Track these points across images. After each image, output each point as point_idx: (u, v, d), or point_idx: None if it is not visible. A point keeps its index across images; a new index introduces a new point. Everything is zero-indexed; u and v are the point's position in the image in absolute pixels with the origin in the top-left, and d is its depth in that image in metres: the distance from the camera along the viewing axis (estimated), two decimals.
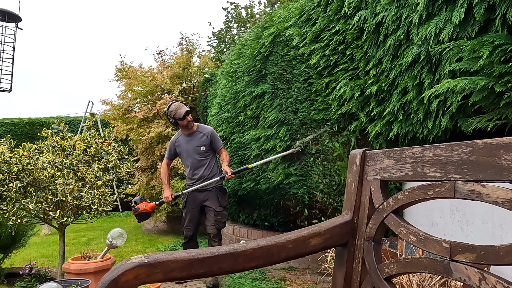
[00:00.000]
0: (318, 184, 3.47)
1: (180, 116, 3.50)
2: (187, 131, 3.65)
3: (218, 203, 3.58)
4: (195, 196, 3.61)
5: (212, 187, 3.59)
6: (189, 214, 3.64)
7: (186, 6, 61.19)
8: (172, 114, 3.54)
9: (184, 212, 3.68)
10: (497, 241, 2.00)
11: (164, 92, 6.61)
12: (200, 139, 3.61)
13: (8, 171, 2.88)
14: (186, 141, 3.65)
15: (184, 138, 3.67)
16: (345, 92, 2.91)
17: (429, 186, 0.80)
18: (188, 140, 3.64)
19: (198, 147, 3.60)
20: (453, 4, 1.96)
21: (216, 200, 3.58)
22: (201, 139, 3.61)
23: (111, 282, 0.73)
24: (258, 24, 4.55)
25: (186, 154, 3.64)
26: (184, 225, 3.68)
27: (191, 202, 3.64)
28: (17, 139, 5.07)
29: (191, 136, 3.64)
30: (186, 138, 3.66)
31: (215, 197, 3.59)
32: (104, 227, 7.30)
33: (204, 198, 3.59)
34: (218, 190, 3.63)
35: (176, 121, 3.56)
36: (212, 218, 3.55)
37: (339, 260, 0.99)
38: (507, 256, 0.63)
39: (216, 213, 3.55)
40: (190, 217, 3.64)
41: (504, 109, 1.81)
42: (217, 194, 3.61)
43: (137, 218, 3.64)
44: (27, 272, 3.56)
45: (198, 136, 3.63)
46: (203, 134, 3.63)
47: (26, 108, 49.85)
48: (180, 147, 3.67)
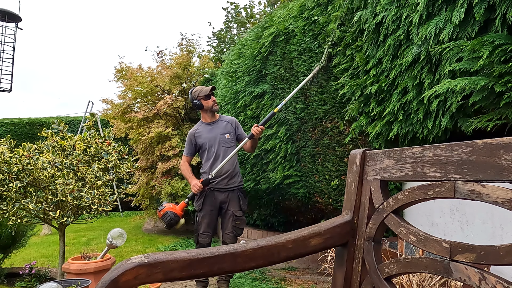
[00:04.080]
0: (318, 184, 3.47)
1: (207, 93, 3.12)
2: (210, 118, 3.20)
3: (239, 207, 3.10)
4: (215, 196, 3.08)
5: (234, 187, 3.12)
6: (207, 217, 3.06)
7: (186, 6, 61.21)
8: (196, 94, 3.14)
9: (201, 215, 3.08)
10: (497, 241, 2.00)
11: (164, 93, 6.62)
12: (224, 127, 3.18)
13: (8, 171, 2.88)
14: (208, 130, 3.18)
15: (206, 127, 3.20)
16: (346, 92, 2.91)
17: (429, 186, 0.80)
18: (211, 129, 3.17)
19: (223, 135, 3.14)
20: (453, 4, 1.96)
21: (237, 203, 3.10)
22: (226, 127, 3.18)
23: (111, 282, 0.72)
24: (258, 24, 4.55)
25: (209, 144, 3.13)
26: (201, 231, 3.06)
27: (209, 204, 3.08)
28: (17, 139, 5.08)
29: (213, 125, 3.19)
30: (208, 126, 3.19)
31: (237, 199, 3.11)
32: (104, 227, 7.30)
33: (225, 199, 3.08)
34: (240, 191, 3.16)
35: (201, 103, 3.13)
36: (230, 223, 3.06)
37: (339, 260, 0.99)
38: (507, 256, 0.64)
39: (235, 218, 3.06)
40: (208, 221, 3.06)
41: (504, 109, 1.81)
42: (239, 195, 3.13)
43: (164, 221, 2.99)
44: (27, 272, 3.56)
45: (222, 124, 3.20)
46: (227, 122, 3.21)
47: (25, 108, 49.88)
48: (202, 137, 3.16)
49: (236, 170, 3.16)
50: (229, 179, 3.09)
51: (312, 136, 3.48)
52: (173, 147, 5.89)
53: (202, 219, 3.07)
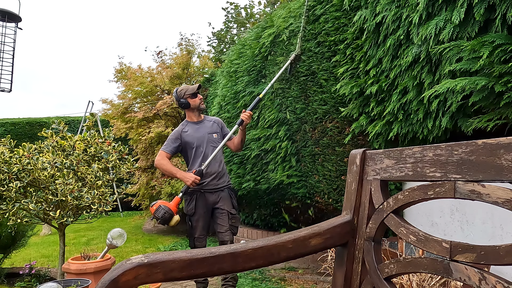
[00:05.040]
0: (318, 184, 3.47)
1: (194, 91, 3.04)
2: (197, 117, 3.13)
3: (232, 205, 3.05)
4: (206, 197, 3.00)
5: (224, 186, 3.07)
6: (201, 220, 2.98)
7: (186, 6, 61.22)
8: (183, 92, 3.06)
9: (194, 219, 2.98)
10: (497, 241, 2.00)
11: (164, 93, 6.62)
12: (211, 126, 3.13)
13: (8, 171, 2.88)
14: (195, 129, 3.09)
15: (193, 126, 3.11)
16: (346, 92, 2.91)
17: (429, 186, 0.80)
18: (198, 128, 3.10)
19: (211, 134, 3.08)
20: (453, 4, 1.96)
21: (230, 201, 3.05)
22: (212, 127, 3.13)
23: (111, 282, 0.72)
24: (258, 24, 4.55)
25: (197, 143, 3.04)
26: (196, 235, 2.97)
27: (202, 206, 2.99)
28: (17, 139, 5.08)
29: (199, 124, 3.12)
30: (195, 126, 3.11)
31: (228, 197, 3.06)
32: (104, 227, 7.30)
33: (216, 200, 3.01)
34: (230, 190, 3.12)
35: (188, 101, 3.05)
36: (226, 222, 2.98)
37: (339, 260, 0.99)
38: (507, 256, 0.63)
39: (231, 216, 3.01)
40: (203, 224, 2.98)
41: (504, 109, 1.81)
42: (230, 194, 3.08)
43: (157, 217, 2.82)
44: (27, 272, 3.56)
45: (208, 123, 3.14)
46: (213, 122, 3.16)
47: (25, 108, 49.96)
48: (189, 136, 3.05)
49: (224, 170, 3.12)
50: (218, 179, 3.04)
51: (312, 136, 3.48)
52: None
53: (196, 223, 2.98)
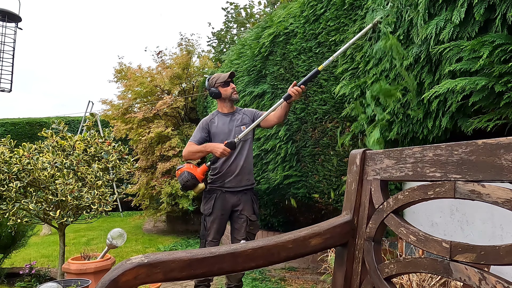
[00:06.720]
0: (318, 184, 3.47)
1: (225, 79, 2.78)
2: (228, 108, 2.85)
3: (253, 210, 2.77)
4: (226, 198, 2.73)
5: (247, 188, 2.79)
6: (217, 223, 2.71)
7: (186, 6, 61.22)
8: (214, 81, 2.81)
9: (210, 220, 2.72)
10: (497, 241, 2.00)
11: (164, 93, 6.62)
12: (241, 119, 2.83)
13: (8, 171, 2.88)
14: (223, 121, 2.81)
15: (222, 118, 2.83)
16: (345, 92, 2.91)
17: (429, 186, 0.80)
18: (227, 120, 2.81)
19: (239, 127, 2.78)
20: (453, 4, 1.96)
21: (251, 206, 2.77)
22: (243, 119, 2.83)
23: (111, 282, 0.72)
24: (258, 24, 4.55)
25: (224, 137, 2.74)
26: (210, 238, 2.71)
27: (220, 208, 2.72)
28: (17, 139, 5.08)
29: (229, 116, 2.83)
30: (225, 118, 2.82)
31: (250, 201, 2.78)
32: (104, 227, 7.30)
33: (236, 202, 2.74)
34: (253, 193, 2.84)
35: (219, 90, 2.79)
36: (243, 228, 2.72)
37: (339, 260, 0.99)
38: (507, 256, 0.63)
39: (250, 223, 2.74)
40: (218, 227, 2.72)
41: (504, 109, 1.81)
42: (252, 198, 2.80)
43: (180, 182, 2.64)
44: (27, 272, 3.56)
45: (239, 116, 2.84)
46: (244, 113, 2.87)
47: (24, 108, 50.00)
48: (216, 127, 2.79)
49: (251, 167, 2.84)
50: (242, 175, 2.74)
51: (312, 136, 3.48)
52: (173, 147, 5.90)
53: (211, 225, 2.71)
